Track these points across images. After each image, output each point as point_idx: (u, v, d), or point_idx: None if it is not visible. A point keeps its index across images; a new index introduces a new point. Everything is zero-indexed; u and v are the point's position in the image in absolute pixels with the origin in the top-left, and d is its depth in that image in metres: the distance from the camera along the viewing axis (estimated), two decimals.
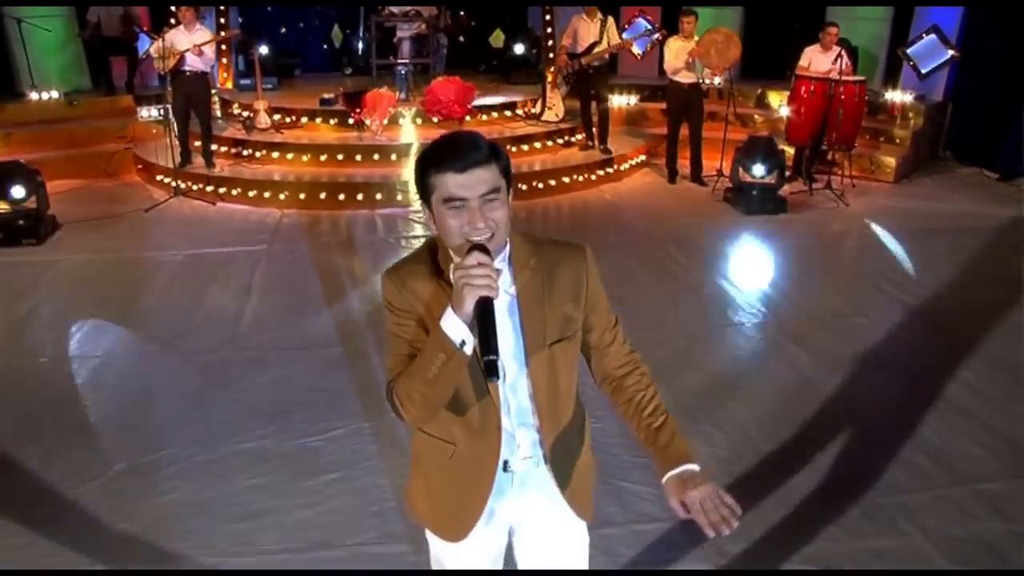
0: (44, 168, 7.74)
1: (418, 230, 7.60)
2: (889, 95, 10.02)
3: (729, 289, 6.16)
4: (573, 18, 9.31)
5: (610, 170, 9.25)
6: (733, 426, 4.28)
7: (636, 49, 10.64)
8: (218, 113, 9.86)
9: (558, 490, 1.99)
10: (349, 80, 11.27)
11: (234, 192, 8.37)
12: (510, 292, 1.84)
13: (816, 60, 8.75)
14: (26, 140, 9.37)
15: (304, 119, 9.46)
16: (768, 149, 8.16)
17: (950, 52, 9.60)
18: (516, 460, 1.94)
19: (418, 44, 10.22)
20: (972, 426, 4.29)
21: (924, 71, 9.77)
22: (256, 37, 10.74)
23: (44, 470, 3.82)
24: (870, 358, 5.07)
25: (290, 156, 8.86)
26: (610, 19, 9.15)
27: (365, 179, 8.42)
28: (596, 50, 9.07)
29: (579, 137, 9.64)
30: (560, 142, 9.58)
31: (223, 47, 10.49)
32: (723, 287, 6.21)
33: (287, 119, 9.43)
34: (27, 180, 7.14)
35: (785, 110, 9.29)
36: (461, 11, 11.08)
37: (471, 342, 1.69)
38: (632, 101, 10.98)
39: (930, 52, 9.78)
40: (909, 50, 9.82)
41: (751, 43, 11.62)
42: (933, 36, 9.68)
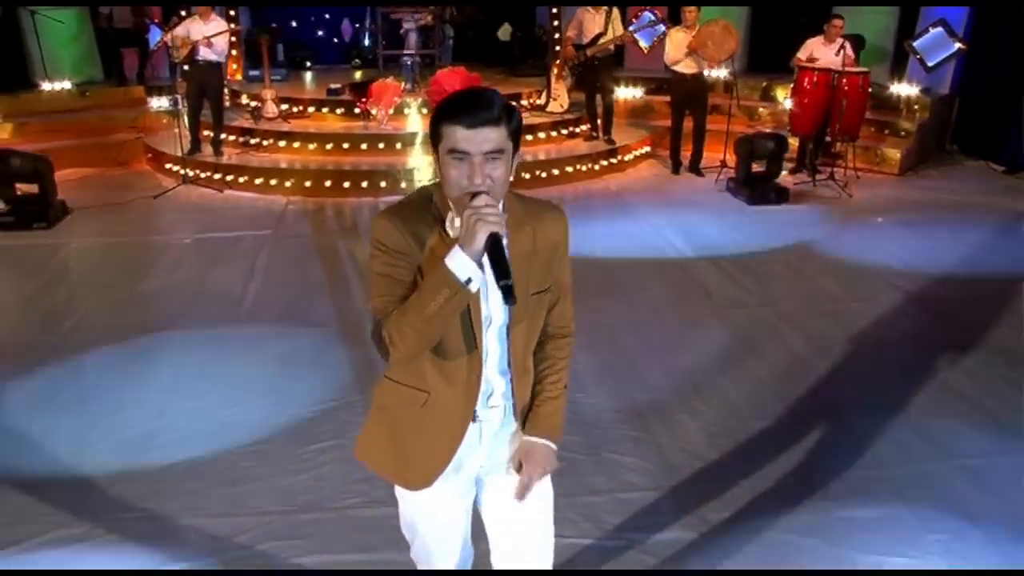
0: (56, 157, 7.90)
1: None
2: (894, 88, 10.00)
3: (725, 274, 6.20)
4: (579, 10, 9.36)
5: (614, 160, 9.30)
6: (724, 403, 4.33)
7: (643, 43, 10.64)
8: (227, 103, 9.96)
9: (525, 431, 2.06)
10: (358, 72, 11.38)
11: (241, 180, 8.48)
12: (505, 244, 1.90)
13: (819, 52, 8.77)
14: (39, 130, 9.52)
15: (311, 109, 9.57)
16: (770, 140, 8.19)
17: (957, 45, 9.55)
18: (484, 409, 2.00)
19: (424, 36, 10.31)
20: (962, 406, 4.32)
21: (931, 64, 9.72)
22: (265, 30, 10.84)
23: (48, 437, 3.93)
24: (864, 341, 5.10)
25: (296, 145, 8.96)
26: (615, 10, 9.20)
27: (370, 167, 8.51)
28: (601, 41, 9.13)
29: (584, 128, 9.70)
30: (564, 133, 9.64)
31: (234, 39, 10.60)
32: (719, 272, 6.25)
33: (294, 109, 9.54)
34: (33, 166, 7.28)
35: (789, 102, 9.30)
36: (467, 4, 11.15)
37: (477, 279, 1.73)
38: (639, 94, 11.02)
39: (937, 45, 9.72)
40: (916, 43, 9.77)
41: (758, 36, 11.70)
42: (940, 29, 9.63)
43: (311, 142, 8.97)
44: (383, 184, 8.31)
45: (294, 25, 13.07)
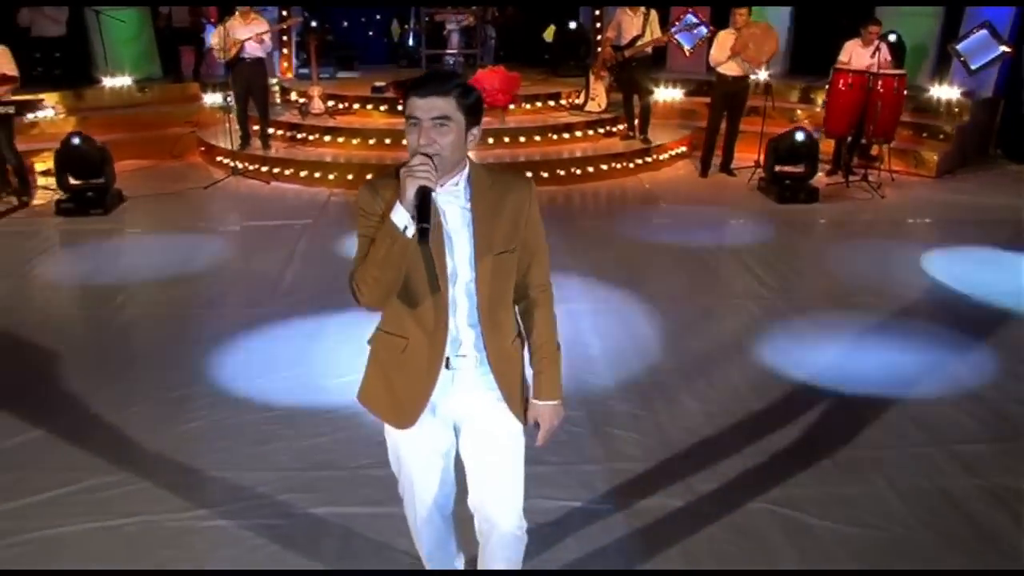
0: (115, 149, 8.35)
1: None
2: (934, 90, 9.97)
3: (744, 267, 6.34)
4: (618, 11, 9.56)
5: (649, 159, 9.47)
6: (727, 387, 4.50)
7: (685, 45, 10.78)
8: (277, 100, 10.41)
9: (495, 391, 2.29)
10: (404, 71, 11.72)
11: (287, 172, 8.88)
12: (467, 207, 2.18)
13: (856, 54, 8.81)
14: (100, 124, 9.99)
15: (356, 106, 9.94)
16: (800, 140, 8.27)
17: (1002, 48, 9.49)
18: (456, 358, 2.25)
19: (466, 36, 10.60)
20: (964, 398, 4.41)
21: (974, 67, 9.66)
22: (315, 28, 11.24)
23: (93, 397, 4.31)
24: (874, 333, 5.22)
25: (341, 140, 9.32)
26: (653, 13, 9.35)
27: None
28: (639, 44, 9.29)
29: (621, 127, 9.88)
30: (601, 131, 9.84)
31: (284, 38, 11.05)
32: (740, 265, 6.40)
33: (340, 105, 9.92)
34: (96, 157, 7.74)
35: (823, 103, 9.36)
36: (508, 6, 11.42)
37: (412, 227, 2.01)
38: (680, 95, 11.13)
39: (981, 48, 9.66)
40: (959, 46, 9.73)
41: (800, 40, 11.74)
42: (984, 32, 9.57)
43: (355, 137, 9.33)
44: None
45: (345, 25, 13.51)
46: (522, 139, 9.35)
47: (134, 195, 8.20)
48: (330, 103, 9.86)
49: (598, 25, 11.24)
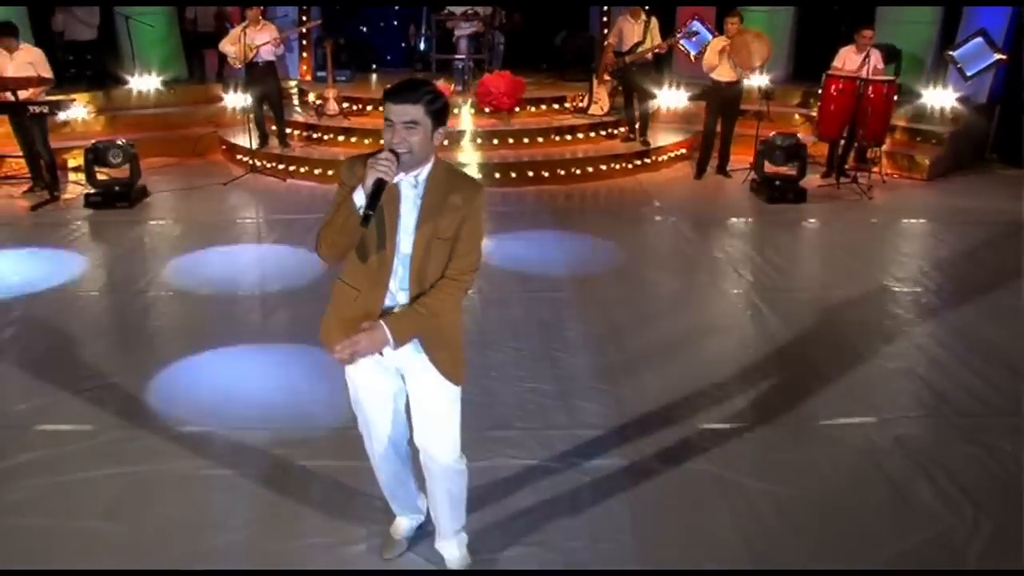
0: (141, 147, 8.83)
1: None
2: (928, 96, 10.25)
3: (727, 259, 6.74)
4: (619, 18, 9.97)
5: (647, 160, 9.87)
6: (694, 367, 4.88)
7: (691, 51, 11.12)
8: (295, 101, 10.93)
9: (423, 348, 2.71)
10: (419, 76, 12.19)
11: (302, 170, 9.39)
12: (420, 196, 2.61)
13: (849, 60, 9.13)
14: (127, 123, 10.59)
15: (369, 107, 10.42)
16: (789, 142, 8.63)
17: (996, 55, 9.78)
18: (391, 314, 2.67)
19: (475, 42, 11.05)
20: (904, 376, 4.79)
21: (969, 74, 9.95)
22: (332, 32, 11.75)
23: (113, 362, 4.87)
24: (825, 318, 5.59)
25: (354, 139, 9.82)
26: (653, 20, 9.73)
27: None
28: (639, 50, 9.67)
29: (622, 130, 10.28)
30: (603, 134, 10.26)
31: (304, 42, 11.57)
32: (723, 257, 6.82)
33: (354, 107, 10.41)
34: (123, 153, 8.27)
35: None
36: (515, 12, 11.86)
37: (363, 207, 2.45)
38: (684, 99, 11.49)
39: (976, 55, 9.95)
40: (955, 53, 10.01)
41: (801, 45, 12.07)
42: (980, 39, 9.85)
43: (368, 137, 9.80)
44: None
45: (364, 30, 14.02)
46: (526, 140, 9.79)
47: (157, 190, 8.76)
48: (345, 105, 10.35)
49: (605, 32, 11.63)
